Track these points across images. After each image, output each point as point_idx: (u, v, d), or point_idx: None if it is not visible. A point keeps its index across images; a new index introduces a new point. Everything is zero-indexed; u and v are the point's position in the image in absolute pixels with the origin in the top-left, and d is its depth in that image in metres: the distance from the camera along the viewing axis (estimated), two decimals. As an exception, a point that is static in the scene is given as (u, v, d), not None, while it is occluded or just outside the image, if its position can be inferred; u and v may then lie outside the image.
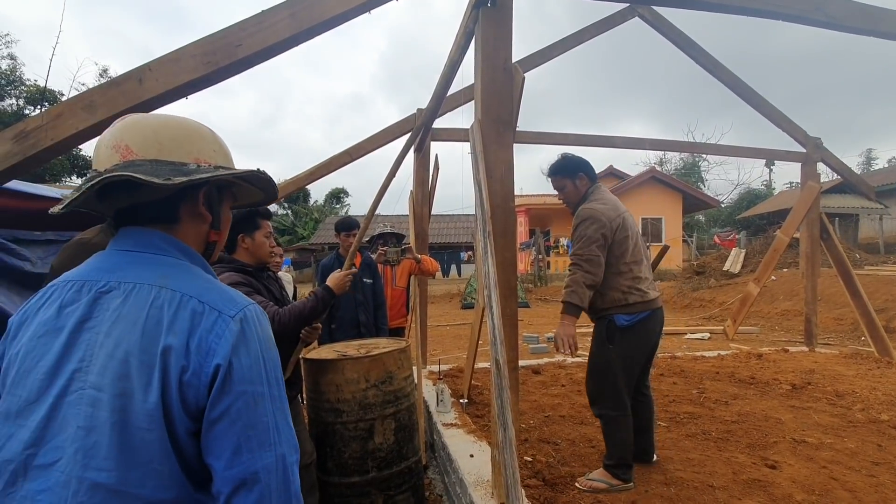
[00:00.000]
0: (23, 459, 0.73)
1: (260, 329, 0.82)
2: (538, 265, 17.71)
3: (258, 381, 0.78)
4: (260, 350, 0.80)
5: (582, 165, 2.59)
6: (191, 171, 0.82)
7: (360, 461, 2.33)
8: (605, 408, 2.46)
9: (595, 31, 4.95)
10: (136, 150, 0.81)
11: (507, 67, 2.24)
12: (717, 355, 5.61)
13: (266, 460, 0.77)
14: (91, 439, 0.72)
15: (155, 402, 0.72)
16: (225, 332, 0.77)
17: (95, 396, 0.73)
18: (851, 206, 18.07)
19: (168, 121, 0.87)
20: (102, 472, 0.71)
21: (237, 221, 2.11)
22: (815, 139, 5.79)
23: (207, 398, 0.75)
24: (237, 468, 0.75)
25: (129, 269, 0.81)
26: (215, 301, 0.80)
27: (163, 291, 0.78)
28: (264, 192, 1.03)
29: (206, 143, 0.88)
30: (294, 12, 2.03)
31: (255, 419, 0.77)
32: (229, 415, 0.75)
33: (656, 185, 19.55)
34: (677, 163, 33.56)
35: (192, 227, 0.90)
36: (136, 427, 0.72)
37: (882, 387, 4.13)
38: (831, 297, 9.31)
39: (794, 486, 2.42)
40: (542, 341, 7.33)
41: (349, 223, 3.82)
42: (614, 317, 2.43)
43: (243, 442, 0.75)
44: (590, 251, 2.38)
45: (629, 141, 5.62)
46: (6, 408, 0.77)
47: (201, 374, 0.74)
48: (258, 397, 0.78)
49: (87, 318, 0.78)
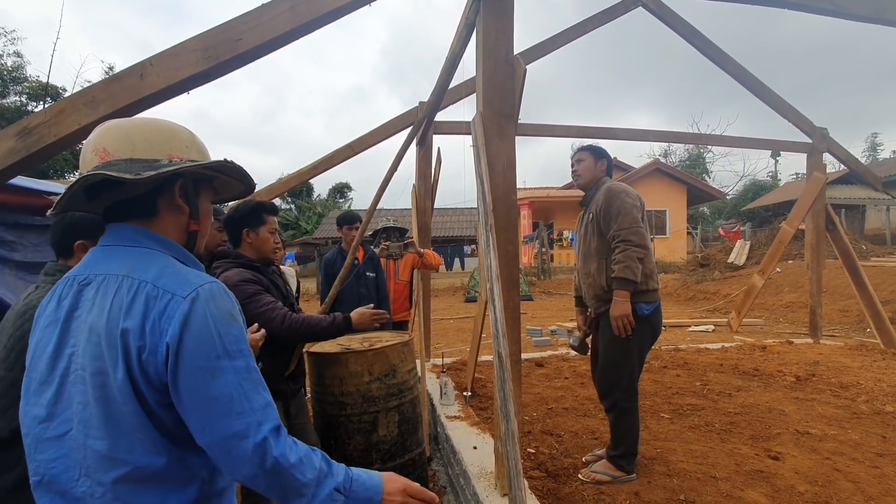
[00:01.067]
0: (36, 433, 0.85)
1: (213, 305, 0.85)
2: (541, 258, 17.69)
3: (213, 356, 0.82)
4: (214, 325, 0.83)
5: (609, 156, 2.64)
6: (161, 166, 0.88)
7: (365, 453, 2.35)
8: (618, 399, 2.44)
9: (598, 21, 4.89)
10: (112, 151, 0.89)
11: (509, 60, 2.22)
12: (720, 347, 5.60)
13: (235, 428, 0.81)
14: (87, 412, 0.83)
15: (122, 379, 0.81)
16: (176, 312, 0.82)
17: (83, 376, 0.84)
18: (858, 196, 17.90)
19: (142, 123, 0.95)
20: (98, 441, 0.82)
21: (243, 216, 2.12)
22: (822, 129, 5.73)
23: (166, 374, 0.81)
24: (207, 437, 0.82)
25: (104, 262, 0.90)
26: (168, 284, 0.85)
27: (125, 280, 0.86)
28: (243, 184, 1.08)
29: (178, 140, 0.95)
30: (294, 5, 2.02)
31: (216, 392, 0.81)
32: (188, 389, 0.81)
33: (660, 176, 19.42)
34: (682, 154, 33.32)
35: (172, 219, 0.97)
36: (115, 401, 0.82)
37: (887, 378, 4.12)
38: (837, 288, 9.25)
39: (796, 477, 2.42)
40: (546, 334, 7.34)
41: (351, 217, 3.82)
42: (636, 305, 2.35)
43: (208, 414, 0.81)
44: (634, 221, 2.33)
45: (633, 133, 5.58)
46: (26, 386, 0.90)
47: (156, 353, 0.81)
48: (216, 371, 0.82)
49: (74, 307, 0.88)
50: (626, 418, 2.43)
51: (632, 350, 2.40)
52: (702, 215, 30.09)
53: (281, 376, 2.09)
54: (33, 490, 0.87)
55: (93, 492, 0.82)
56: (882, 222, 16.53)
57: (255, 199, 2.52)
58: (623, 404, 2.43)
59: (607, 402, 2.50)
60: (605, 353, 2.48)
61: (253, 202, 2.24)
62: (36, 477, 0.86)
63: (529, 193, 20.63)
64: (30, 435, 0.87)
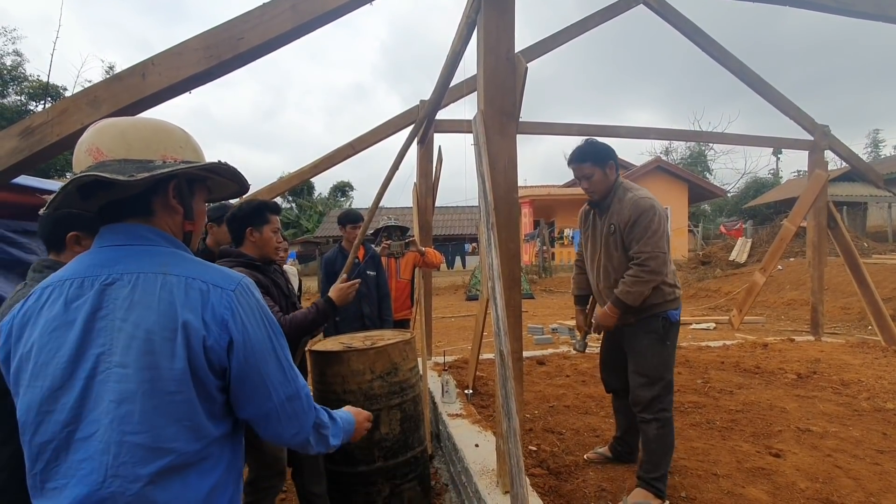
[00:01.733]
0: (64, 437, 0.85)
1: (254, 296, 0.98)
2: (543, 256, 17.68)
3: (268, 338, 0.96)
4: (260, 312, 0.96)
5: (611, 152, 2.36)
6: (155, 167, 0.89)
7: (367, 451, 2.36)
8: (663, 411, 2.26)
9: (600, 18, 4.88)
10: (106, 151, 0.89)
11: (510, 58, 2.22)
12: (722, 345, 5.61)
13: (290, 391, 0.99)
14: (124, 409, 0.84)
15: (182, 369, 0.86)
16: (231, 303, 0.91)
17: (122, 373, 0.84)
18: (860, 194, 17.86)
19: (137, 122, 0.96)
20: (137, 435, 0.84)
21: (246, 215, 2.12)
22: (823, 127, 5.71)
23: (227, 359, 0.91)
24: (269, 404, 0.97)
25: (127, 260, 0.91)
26: (215, 279, 0.93)
27: (168, 277, 0.89)
28: (237, 184, 1.09)
29: (172, 141, 0.95)
30: (295, 4, 2.02)
31: (272, 368, 0.96)
32: (255, 369, 0.93)
33: (662, 174, 19.38)
34: (683, 152, 33.22)
35: (168, 219, 0.98)
36: (164, 392, 0.85)
37: (888, 376, 4.12)
38: (838, 286, 9.25)
39: (797, 473, 2.43)
40: (547, 332, 7.35)
41: (352, 215, 3.83)
42: (668, 312, 2.28)
43: (272, 385, 0.96)
44: (661, 248, 2.19)
45: (634, 130, 5.56)
46: (29, 400, 0.86)
47: (221, 339, 0.89)
48: (269, 352, 0.96)
49: (98, 308, 0.87)
50: (668, 431, 2.26)
51: (668, 357, 2.30)
52: (703, 213, 30.01)
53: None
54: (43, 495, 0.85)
55: (124, 490, 0.82)
56: (884, 220, 16.50)
57: (258, 199, 2.52)
58: (667, 415, 2.27)
59: (649, 413, 2.27)
60: (641, 362, 2.31)
61: (256, 201, 2.24)
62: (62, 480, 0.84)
63: (530, 192, 20.62)
64: (55, 440, 0.85)
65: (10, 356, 0.90)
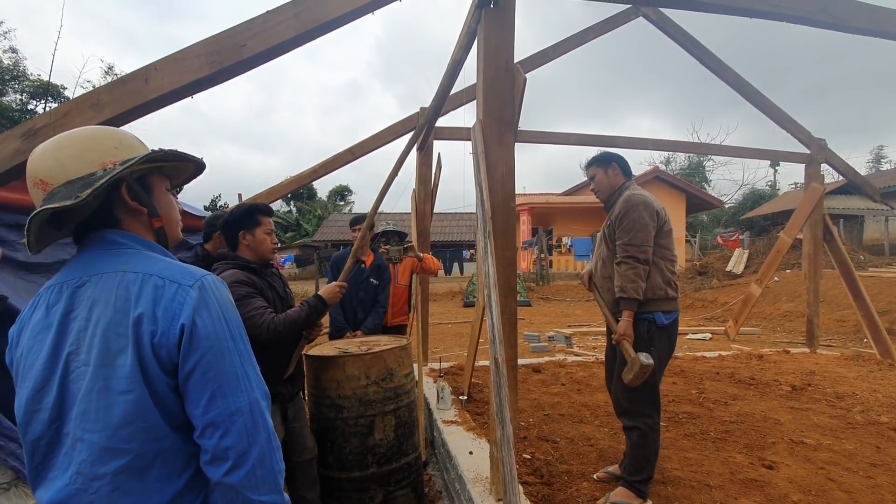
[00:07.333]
0: (53, 432, 0.88)
1: (217, 294, 0.93)
2: (540, 264, 17.70)
3: (222, 338, 0.90)
4: (220, 311, 0.92)
5: (616, 157, 2.53)
6: (97, 179, 0.88)
7: (361, 457, 2.35)
8: (643, 418, 2.28)
9: (599, 30, 4.94)
10: (48, 180, 0.90)
11: (509, 68, 2.25)
12: (717, 356, 5.61)
13: (239, 404, 0.89)
14: (82, 406, 0.86)
15: (131, 366, 0.84)
16: (186, 298, 0.88)
17: (85, 371, 0.86)
18: (857, 207, 17.96)
19: (63, 141, 0.93)
20: (94, 434, 0.85)
21: (237, 219, 2.14)
22: (820, 140, 5.76)
23: (179, 355, 0.87)
24: (213, 412, 0.87)
25: (95, 263, 0.93)
26: (174, 275, 0.91)
27: (126, 274, 0.90)
28: (191, 163, 1.07)
29: (104, 147, 0.93)
30: (298, 12, 2.05)
31: (223, 370, 0.89)
32: (200, 367, 0.87)
33: (660, 184, 19.46)
34: (682, 162, 33.41)
35: (135, 222, 0.98)
36: (117, 391, 0.85)
37: (883, 389, 4.13)
38: (834, 298, 9.27)
39: (790, 486, 2.43)
40: (544, 340, 7.35)
41: (363, 219, 3.84)
42: (655, 315, 2.27)
43: (216, 389, 0.88)
44: (645, 239, 2.26)
45: (632, 141, 5.60)
46: (20, 400, 0.91)
47: (170, 334, 0.86)
48: (224, 351, 0.90)
49: (69, 310, 0.90)
50: (651, 438, 2.27)
51: (655, 362, 2.23)
52: (700, 223, 30.14)
53: (280, 379, 2.10)
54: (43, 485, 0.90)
55: (86, 487, 0.85)
56: (881, 233, 16.57)
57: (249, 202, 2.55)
58: (646, 421, 2.27)
59: (628, 420, 2.32)
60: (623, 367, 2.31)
61: (247, 204, 2.28)
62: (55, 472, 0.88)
63: (529, 199, 20.68)
64: (45, 436, 0.89)
65: (13, 361, 0.96)
